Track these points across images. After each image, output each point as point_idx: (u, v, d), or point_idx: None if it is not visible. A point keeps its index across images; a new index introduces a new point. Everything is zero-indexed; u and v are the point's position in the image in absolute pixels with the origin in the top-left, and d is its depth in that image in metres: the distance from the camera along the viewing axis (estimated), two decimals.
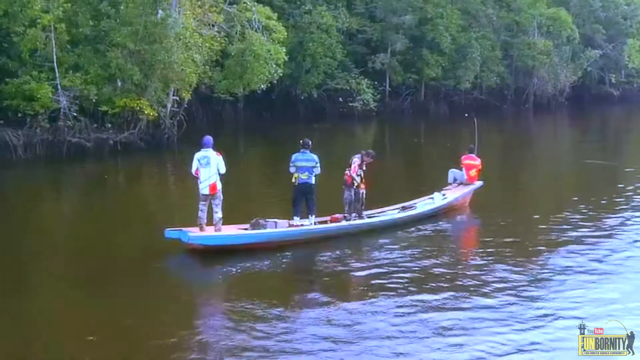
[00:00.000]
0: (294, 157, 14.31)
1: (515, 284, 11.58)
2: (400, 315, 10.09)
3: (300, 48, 38.51)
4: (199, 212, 13.03)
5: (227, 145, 23.06)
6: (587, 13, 54.75)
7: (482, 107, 45.70)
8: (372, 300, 10.69)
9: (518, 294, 11.13)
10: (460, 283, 11.64)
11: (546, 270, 12.43)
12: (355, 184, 14.82)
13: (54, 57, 24.45)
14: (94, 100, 24.81)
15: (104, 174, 22.80)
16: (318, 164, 14.23)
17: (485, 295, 11.07)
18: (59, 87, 24.43)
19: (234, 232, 13.55)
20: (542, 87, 49.28)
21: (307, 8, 39.42)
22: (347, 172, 14.99)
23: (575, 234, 14.82)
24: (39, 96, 24.01)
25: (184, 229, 12.89)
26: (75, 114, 24.55)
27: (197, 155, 13.23)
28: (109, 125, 25.18)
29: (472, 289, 11.31)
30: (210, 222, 13.14)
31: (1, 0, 24.25)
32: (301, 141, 14.53)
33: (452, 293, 11.03)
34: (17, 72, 24.82)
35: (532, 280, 11.84)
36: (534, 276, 12.03)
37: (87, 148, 24.46)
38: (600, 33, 54.69)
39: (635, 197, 18.82)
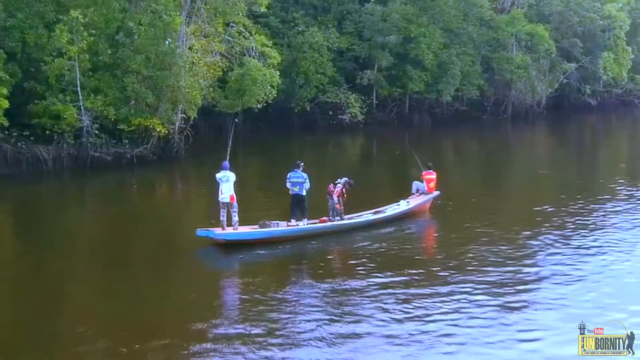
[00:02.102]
0: (289, 175, 18.73)
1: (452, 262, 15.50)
2: (375, 289, 14.16)
3: (294, 65, 42.28)
4: (221, 216, 17.40)
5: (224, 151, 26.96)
6: (566, 27, 58.17)
7: (463, 117, 49.60)
8: (351, 278, 14.95)
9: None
10: (421, 265, 16.15)
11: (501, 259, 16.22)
12: (337, 205, 18.95)
13: (78, 82, 28.21)
14: (112, 120, 28.64)
15: (132, 184, 26.88)
16: (307, 180, 18.55)
17: (443, 272, 15.22)
18: (82, 108, 28.21)
19: (247, 230, 17.94)
20: (520, 98, 52.86)
21: (300, 29, 43.26)
22: (330, 186, 18.97)
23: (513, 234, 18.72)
24: (65, 116, 27.84)
25: (210, 229, 17.29)
26: (96, 132, 28.37)
27: (218, 175, 17.68)
28: (126, 141, 28.98)
29: (433, 270, 15.54)
30: (228, 223, 17.57)
31: (31, 33, 28.11)
32: (294, 163, 18.94)
33: (417, 270, 15.40)
34: (44, 94, 28.58)
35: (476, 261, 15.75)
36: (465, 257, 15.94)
37: (107, 161, 28.29)
38: (578, 46, 58.08)
39: (574, 204, 22.53)
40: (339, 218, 19.06)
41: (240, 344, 11.51)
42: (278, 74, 31.92)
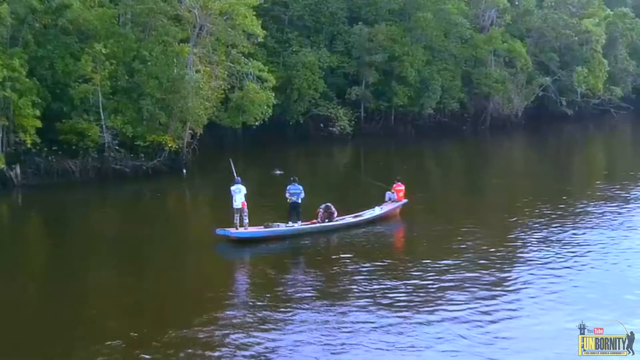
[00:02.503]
0: (288, 187, 23.61)
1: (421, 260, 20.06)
2: (354, 274, 18.95)
3: (289, 82, 46.68)
4: (235, 219, 22.34)
5: (229, 166, 31.64)
6: (544, 43, 62.61)
7: (444, 129, 53.91)
8: (335, 266, 19.84)
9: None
10: (391, 255, 21.41)
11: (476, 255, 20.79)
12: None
13: (100, 104, 32.59)
14: (130, 136, 33.07)
15: (148, 192, 31.30)
16: (302, 192, 23.46)
17: (409, 262, 19.81)
18: (103, 126, 32.64)
19: (255, 230, 22.80)
20: (499, 110, 57.26)
21: (294, 49, 47.70)
22: (319, 210, 23.98)
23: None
24: (89, 133, 32.28)
25: (227, 229, 22.16)
26: (116, 147, 32.83)
27: (233, 187, 22.67)
28: (142, 155, 33.46)
29: (403, 258, 20.40)
30: (240, 224, 22.42)
31: (59, 62, 32.52)
32: (290, 178, 24.02)
33: (389, 260, 20.37)
34: (70, 114, 32.98)
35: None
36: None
37: (126, 172, 32.77)
38: (555, 60, 62.46)
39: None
40: (327, 220, 24.04)
41: (244, 312, 16.08)
42: (273, 95, 36.36)
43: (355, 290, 17.61)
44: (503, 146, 52.74)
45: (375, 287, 17.73)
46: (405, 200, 26.45)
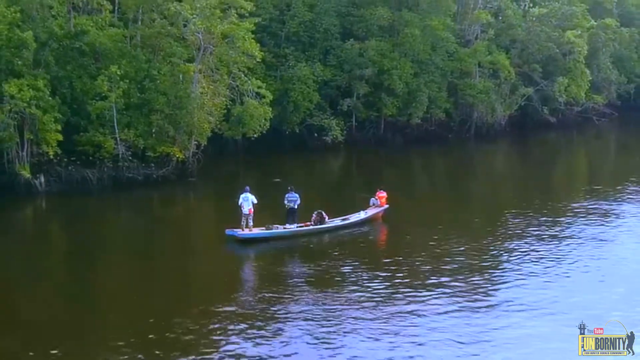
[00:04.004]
0: (286, 195, 27.98)
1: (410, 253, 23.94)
2: (344, 266, 23.26)
3: (285, 95, 50.27)
4: (242, 222, 26.65)
5: (230, 172, 35.84)
6: (527, 55, 66.26)
7: (431, 137, 57.41)
8: (327, 260, 24.29)
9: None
10: (376, 252, 26.02)
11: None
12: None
13: (114, 118, 36.28)
14: (141, 148, 36.79)
15: (159, 197, 35.02)
16: (298, 199, 27.63)
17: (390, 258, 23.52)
18: (117, 139, 36.33)
19: (258, 231, 27.02)
20: (483, 118, 60.90)
21: (290, 64, 51.40)
22: (313, 215, 28.00)
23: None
24: (104, 145, 35.96)
25: (234, 230, 26.33)
26: (129, 157, 36.52)
27: (242, 195, 26.82)
28: (152, 165, 37.19)
29: (387, 255, 24.32)
30: (246, 226, 26.69)
31: (78, 81, 36.24)
32: (288, 188, 28.17)
33: (374, 256, 25.39)
34: (87, 128, 36.67)
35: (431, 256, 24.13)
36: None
37: (138, 180, 36.49)
38: (538, 71, 66.03)
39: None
40: (319, 222, 28.23)
41: (248, 299, 20.07)
42: (270, 109, 40.14)
43: (342, 280, 21.65)
44: (486, 153, 56.56)
45: (360, 278, 21.78)
46: (386, 206, 30.27)
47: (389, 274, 22.38)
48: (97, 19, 38.18)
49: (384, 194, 30.52)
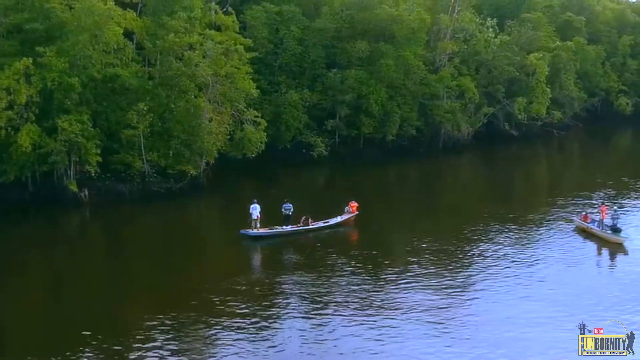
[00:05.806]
0: (283, 205, 38.19)
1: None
2: (329, 258, 33.65)
3: (278, 117, 59.75)
4: (251, 224, 36.48)
5: (234, 184, 46.23)
6: (492, 77, 75.45)
7: (404, 151, 66.70)
8: (313, 251, 35.42)
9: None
10: (354, 247, 35.22)
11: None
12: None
13: (142, 143, 45.75)
14: (163, 166, 46.30)
15: (177, 206, 44.63)
16: (292, 208, 37.76)
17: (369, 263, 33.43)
18: (144, 160, 45.82)
19: (263, 231, 37.33)
20: (450, 134, 70.29)
21: (283, 91, 60.93)
22: (302, 218, 37.96)
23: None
24: (134, 165, 45.44)
25: (247, 230, 36.66)
26: (154, 174, 46.01)
27: (252, 206, 37.19)
28: (172, 180, 46.66)
29: (365, 249, 33.96)
30: (254, 227, 36.94)
31: (112, 115, 45.75)
32: (283, 200, 38.21)
33: (353, 250, 35.01)
34: (119, 150, 46.15)
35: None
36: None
37: (161, 193, 45.93)
38: (501, 91, 75.17)
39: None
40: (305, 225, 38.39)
41: (256, 279, 29.94)
42: (265, 134, 49.76)
43: (323, 265, 31.86)
44: (453, 164, 66.13)
45: (335, 262, 32.14)
46: (356, 212, 40.22)
47: (358, 261, 32.85)
48: (122, 56, 47.17)
49: (355, 204, 40.32)
